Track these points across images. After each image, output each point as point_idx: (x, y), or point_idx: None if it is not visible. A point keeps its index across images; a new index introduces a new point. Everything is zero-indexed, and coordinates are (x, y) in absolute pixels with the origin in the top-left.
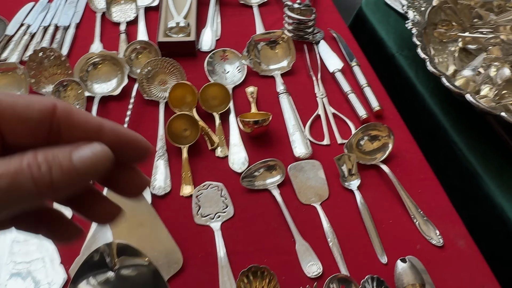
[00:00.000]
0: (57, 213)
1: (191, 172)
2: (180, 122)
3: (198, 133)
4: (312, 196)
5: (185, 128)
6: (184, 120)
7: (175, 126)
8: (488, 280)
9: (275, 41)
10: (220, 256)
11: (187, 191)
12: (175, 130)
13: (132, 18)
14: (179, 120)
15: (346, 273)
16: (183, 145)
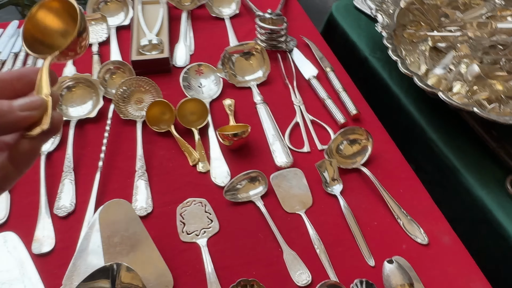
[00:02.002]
0: None
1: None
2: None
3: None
4: (296, 204)
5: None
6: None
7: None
8: (474, 273)
9: (249, 52)
10: (208, 272)
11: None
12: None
13: (104, 38)
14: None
15: (335, 279)
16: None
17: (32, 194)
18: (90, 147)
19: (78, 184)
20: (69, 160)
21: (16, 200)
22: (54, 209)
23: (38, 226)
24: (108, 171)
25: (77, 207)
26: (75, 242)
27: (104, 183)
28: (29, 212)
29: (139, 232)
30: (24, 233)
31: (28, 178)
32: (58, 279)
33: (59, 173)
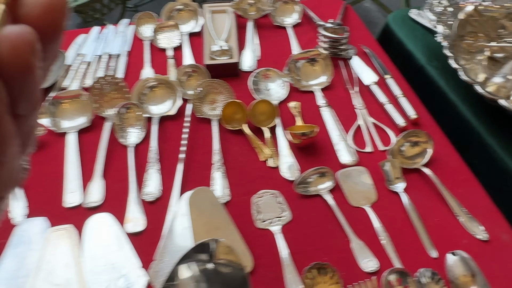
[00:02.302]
0: None
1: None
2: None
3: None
4: (361, 199)
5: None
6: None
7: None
8: None
9: (313, 58)
10: (283, 255)
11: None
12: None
13: (177, 44)
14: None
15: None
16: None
17: (122, 180)
18: (171, 141)
19: (162, 173)
20: (154, 152)
21: (109, 186)
22: (142, 195)
23: (129, 209)
24: (187, 163)
25: (162, 194)
26: (162, 224)
27: (185, 173)
28: (120, 197)
29: (222, 216)
30: (117, 214)
31: (118, 166)
32: (150, 255)
33: (144, 164)
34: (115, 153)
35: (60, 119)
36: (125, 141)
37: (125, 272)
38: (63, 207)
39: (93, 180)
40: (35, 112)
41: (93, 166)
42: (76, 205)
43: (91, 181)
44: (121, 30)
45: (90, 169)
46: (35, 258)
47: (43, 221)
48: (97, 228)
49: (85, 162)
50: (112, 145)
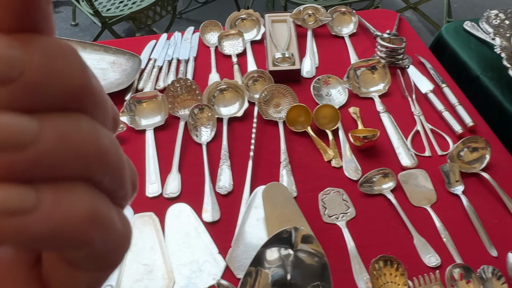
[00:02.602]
0: None
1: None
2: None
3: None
4: (422, 199)
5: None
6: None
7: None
8: None
9: (373, 67)
10: (350, 248)
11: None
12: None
13: (240, 51)
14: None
15: None
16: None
17: (197, 175)
18: (239, 140)
19: (232, 169)
20: (225, 149)
21: (185, 179)
22: (216, 188)
23: (205, 201)
24: (256, 161)
25: (234, 188)
26: (235, 215)
27: (253, 170)
28: (196, 189)
29: (293, 210)
30: (193, 205)
31: (192, 162)
32: (226, 242)
33: (214, 160)
34: (188, 150)
35: (139, 117)
36: (198, 139)
37: (204, 257)
38: (144, 197)
39: (171, 173)
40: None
41: (169, 161)
42: (156, 195)
43: (170, 174)
44: (187, 37)
45: (166, 164)
46: None
47: (127, 208)
48: (177, 216)
49: (161, 157)
50: (185, 142)
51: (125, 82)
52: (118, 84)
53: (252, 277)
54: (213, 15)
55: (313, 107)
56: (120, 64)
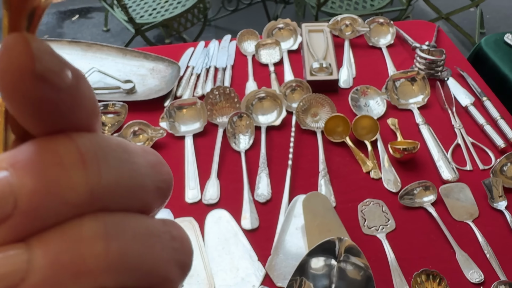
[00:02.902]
0: None
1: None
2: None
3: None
4: (464, 214)
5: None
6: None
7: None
8: None
9: (412, 78)
10: (390, 260)
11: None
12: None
13: (277, 60)
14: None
15: None
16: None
17: (235, 182)
18: (277, 149)
19: (271, 178)
20: (263, 157)
21: (224, 186)
22: (254, 196)
23: (244, 208)
24: (294, 170)
25: (272, 196)
26: (274, 223)
27: (292, 179)
28: (234, 196)
29: (334, 220)
30: (232, 212)
31: (231, 169)
32: (264, 250)
33: (252, 168)
34: (227, 157)
35: (179, 123)
36: (236, 146)
37: (244, 263)
38: (184, 202)
39: (210, 179)
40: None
41: (207, 167)
42: (196, 201)
43: (208, 180)
44: (224, 45)
45: (205, 170)
46: None
47: (168, 212)
48: (216, 222)
49: (200, 163)
50: (224, 149)
51: (164, 88)
52: (157, 91)
53: (296, 286)
54: (242, 23)
55: (350, 117)
56: (160, 71)
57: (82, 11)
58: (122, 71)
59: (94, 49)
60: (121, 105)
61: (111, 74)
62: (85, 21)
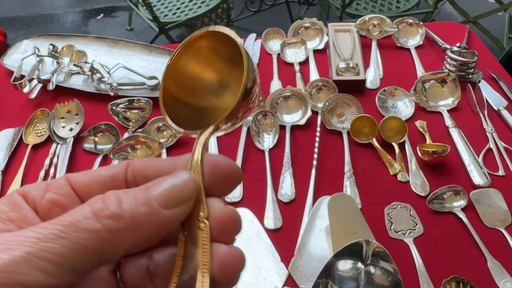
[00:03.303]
0: None
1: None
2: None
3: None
4: (496, 221)
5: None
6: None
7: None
8: None
9: (442, 80)
10: (418, 265)
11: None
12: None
13: (302, 59)
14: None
15: None
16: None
17: (259, 180)
18: (301, 149)
19: (295, 178)
20: (288, 157)
21: (247, 185)
22: (278, 195)
23: (267, 207)
24: (319, 171)
25: (296, 196)
26: (297, 223)
27: (317, 179)
28: (258, 195)
29: (359, 222)
30: (255, 211)
31: (255, 168)
32: (288, 251)
33: (276, 167)
34: (250, 155)
35: None
36: (260, 145)
37: (267, 264)
38: None
39: None
40: None
41: None
42: None
43: None
44: (249, 43)
45: None
46: None
47: None
48: None
49: None
50: (247, 147)
51: None
52: None
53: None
54: (265, 24)
55: (377, 118)
56: None
57: (107, 10)
58: (147, 67)
59: (119, 45)
60: (146, 101)
61: (136, 70)
62: (109, 20)
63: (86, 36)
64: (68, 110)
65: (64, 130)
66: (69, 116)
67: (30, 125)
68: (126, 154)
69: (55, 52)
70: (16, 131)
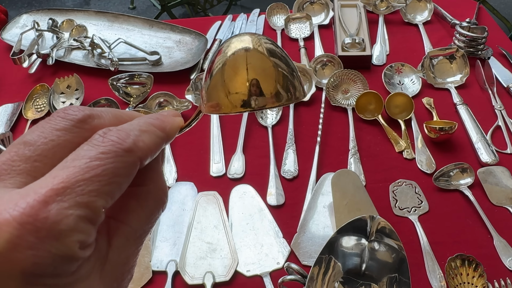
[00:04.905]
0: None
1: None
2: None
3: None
4: (503, 199)
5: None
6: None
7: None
8: None
9: (451, 56)
10: (422, 243)
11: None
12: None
13: (307, 35)
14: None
15: None
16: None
17: (262, 157)
18: (305, 125)
19: (298, 154)
20: (291, 133)
21: (249, 161)
22: (281, 172)
23: (270, 184)
24: (322, 147)
25: (299, 173)
26: (301, 200)
27: (320, 156)
28: (260, 171)
29: (364, 199)
30: (257, 187)
31: (257, 144)
32: (290, 227)
33: (279, 144)
34: (253, 132)
35: None
36: (263, 121)
37: (269, 240)
38: (208, 175)
39: (235, 153)
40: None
41: (233, 142)
42: (220, 175)
43: (234, 154)
44: (252, 19)
45: (230, 144)
46: (187, 217)
47: (192, 186)
48: (241, 197)
49: (225, 137)
50: (250, 124)
51: (190, 61)
52: (183, 63)
53: (324, 264)
54: (268, 2)
55: (383, 95)
56: (186, 43)
57: None
58: (148, 43)
59: (120, 20)
60: (147, 75)
61: (137, 45)
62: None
63: (86, 11)
64: (68, 85)
65: (64, 105)
66: (69, 91)
67: (29, 100)
68: None
69: (55, 26)
70: (15, 106)
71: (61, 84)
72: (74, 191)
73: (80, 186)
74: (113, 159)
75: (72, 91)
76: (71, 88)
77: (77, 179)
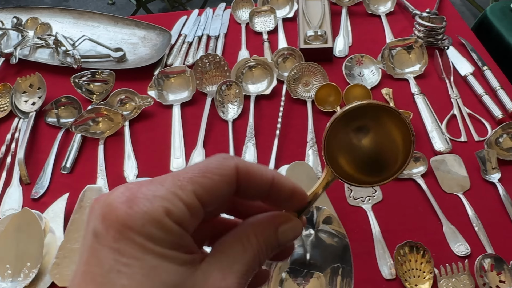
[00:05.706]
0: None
1: None
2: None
3: None
4: (455, 186)
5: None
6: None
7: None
8: None
9: (409, 47)
10: (374, 232)
11: None
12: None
13: (271, 28)
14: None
15: None
16: None
17: (222, 151)
18: (266, 119)
19: (258, 147)
20: (251, 127)
21: (210, 155)
22: None
23: None
24: (282, 140)
25: None
26: None
27: (279, 149)
28: None
29: None
30: None
31: (218, 138)
32: None
33: (239, 137)
34: (214, 126)
35: (167, 92)
36: (224, 115)
37: None
38: (168, 171)
39: (196, 148)
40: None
41: (194, 137)
42: None
43: (194, 149)
44: (218, 13)
45: (192, 139)
46: None
47: None
48: None
49: (187, 133)
50: (211, 118)
51: (154, 57)
52: (147, 59)
53: None
54: None
55: (344, 87)
56: (151, 39)
57: None
58: (113, 39)
59: (85, 17)
60: (109, 73)
61: (102, 42)
62: None
63: (51, 8)
64: (30, 84)
65: (27, 105)
66: (31, 90)
67: None
68: (87, 127)
69: (19, 25)
70: None
71: (23, 83)
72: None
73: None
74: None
75: (34, 90)
76: (34, 87)
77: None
